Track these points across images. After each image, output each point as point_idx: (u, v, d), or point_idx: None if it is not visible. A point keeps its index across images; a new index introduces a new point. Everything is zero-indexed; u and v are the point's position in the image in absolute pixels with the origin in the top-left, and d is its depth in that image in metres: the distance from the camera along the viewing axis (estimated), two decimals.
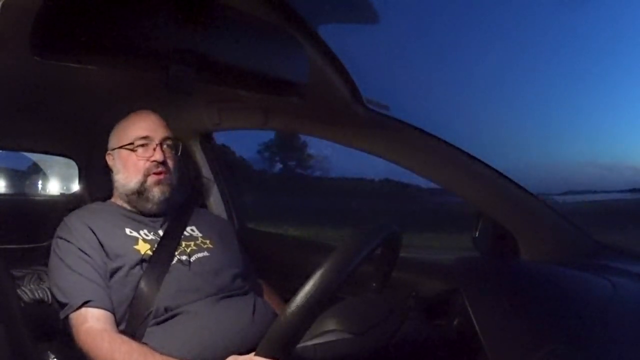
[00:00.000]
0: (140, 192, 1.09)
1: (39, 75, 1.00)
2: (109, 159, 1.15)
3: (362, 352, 0.81)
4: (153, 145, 1.10)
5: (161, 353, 0.90)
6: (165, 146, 1.11)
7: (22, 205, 1.54)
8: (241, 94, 1.23)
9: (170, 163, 1.11)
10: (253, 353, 0.73)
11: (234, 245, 1.21)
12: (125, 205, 1.13)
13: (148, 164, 1.09)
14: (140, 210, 1.12)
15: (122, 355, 0.88)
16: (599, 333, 0.70)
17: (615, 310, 0.79)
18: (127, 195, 1.11)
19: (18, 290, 1.09)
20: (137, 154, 1.10)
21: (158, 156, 1.09)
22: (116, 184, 1.13)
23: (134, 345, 0.91)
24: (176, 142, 1.15)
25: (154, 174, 1.09)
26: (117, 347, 0.90)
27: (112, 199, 1.17)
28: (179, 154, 1.16)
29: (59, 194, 1.81)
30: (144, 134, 1.10)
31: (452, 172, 1.18)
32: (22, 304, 1.08)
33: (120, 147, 1.11)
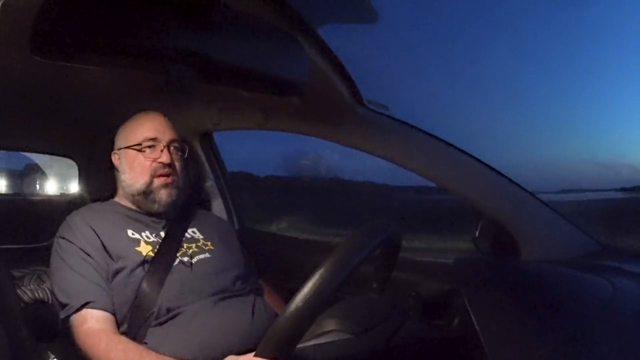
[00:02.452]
0: (147, 193, 1.09)
1: (39, 75, 0.99)
2: (115, 159, 1.15)
3: (362, 352, 0.81)
4: (160, 146, 1.10)
5: (157, 352, 0.90)
6: (172, 148, 1.11)
7: (22, 205, 1.54)
8: (241, 94, 1.22)
9: (177, 165, 1.12)
10: (252, 353, 0.73)
11: (235, 246, 1.21)
12: (129, 205, 1.13)
13: (155, 165, 1.09)
14: (145, 210, 1.12)
15: (118, 354, 0.89)
16: (599, 333, 0.70)
17: (615, 310, 0.78)
18: (133, 196, 1.11)
19: (18, 290, 1.09)
20: (144, 155, 1.09)
21: (165, 158, 1.09)
22: (122, 184, 1.13)
23: (130, 344, 0.91)
24: (183, 144, 1.15)
25: (161, 175, 1.09)
26: (113, 345, 0.90)
27: (116, 199, 1.17)
28: (186, 156, 1.16)
29: (59, 194, 1.80)
30: (152, 135, 1.10)
31: (452, 172, 1.18)
32: (22, 304, 1.08)
33: (128, 147, 1.11)
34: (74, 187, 1.54)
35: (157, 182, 1.09)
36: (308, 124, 1.27)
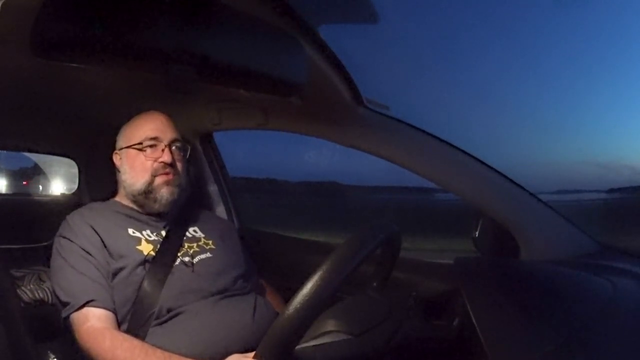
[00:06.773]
0: (148, 192, 1.09)
1: (39, 75, 0.99)
2: (116, 159, 1.15)
3: (361, 353, 0.81)
4: (162, 146, 1.10)
5: (162, 349, 0.90)
6: (173, 148, 1.11)
7: (22, 205, 1.54)
8: (241, 94, 1.23)
9: (178, 165, 1.12)
10: (253, 353, 0.73)
11: (236, 245, 1.21)
12: (130, 205, 1.13)
13: (156, 164, 1.09)
14: (146, 210, 1.12)
15: (124, 353, 0.88)
16: (599, 333, 0.70)
17: (615, 310, 0.78)
18: (134, 196, 1.11)
19: (18, 290, 1.09)
20: (145, 155, 1.10)
21: (166, 157, 1.09)
22: (123, 184, 1.13)
23: (135, 342, 0.91)
24: (185, 144, 1.15)
25: (162, 174, 1.09)
26: (118, 344, 0.90)
27: (117, 198, 1.17)
28: (187, 156, 1.16)
29: (59, 194, 1.81)
30: (153, 134, 1.10)
31: (452, 172, 1.18)
32: (22, 304, 1.08)
33: (129, 147, 1.11)
34: (74, 187, 1.55)
35: (158, 180, 1.09)
36: (308, 124, 1.27)
